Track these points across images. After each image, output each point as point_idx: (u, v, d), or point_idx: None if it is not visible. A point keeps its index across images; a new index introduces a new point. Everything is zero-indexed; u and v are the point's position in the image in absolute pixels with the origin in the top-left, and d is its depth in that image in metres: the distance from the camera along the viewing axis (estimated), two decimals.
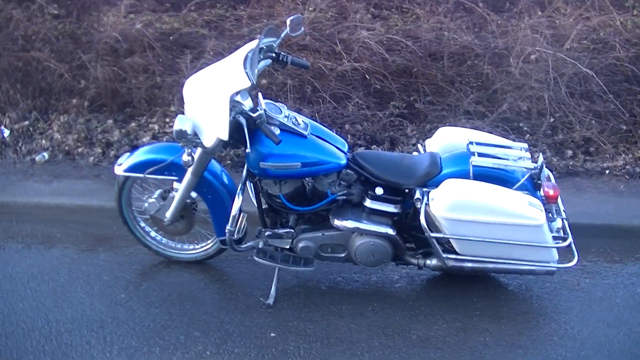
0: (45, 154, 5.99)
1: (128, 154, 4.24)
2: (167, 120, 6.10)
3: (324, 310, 4.08)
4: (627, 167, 5.69)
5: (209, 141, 3.61)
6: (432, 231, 3.79)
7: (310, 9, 6.57)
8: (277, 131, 3.68)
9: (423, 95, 6.14)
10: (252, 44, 3.81)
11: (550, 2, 6.66)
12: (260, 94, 3.81)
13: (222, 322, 3.97)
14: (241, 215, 4.01)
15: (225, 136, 3.48)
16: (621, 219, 5.05)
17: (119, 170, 4.14)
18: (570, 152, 5.81)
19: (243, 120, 3.57)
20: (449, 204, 3.67)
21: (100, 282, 4.35)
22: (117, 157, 5.76)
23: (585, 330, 3.93)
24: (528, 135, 5.86)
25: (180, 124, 3.51)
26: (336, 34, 6.34)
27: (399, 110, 6.07)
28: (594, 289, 4.31)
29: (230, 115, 3.48)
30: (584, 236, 4.11)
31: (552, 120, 5.92)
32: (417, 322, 3.98)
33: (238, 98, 3.61)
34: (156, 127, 6.08)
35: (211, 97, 3.58)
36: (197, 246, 4.51)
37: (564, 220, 3.94)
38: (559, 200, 3.96)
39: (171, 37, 6.51)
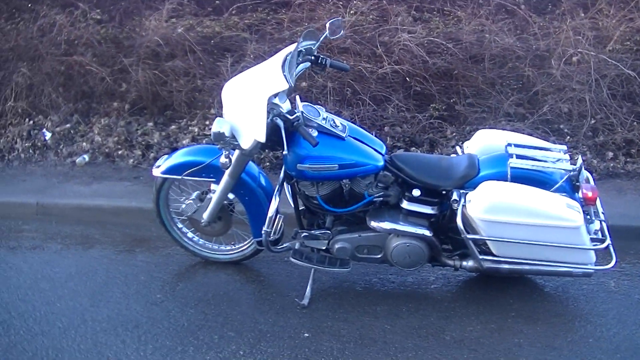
0: (86, 156, 6.09)
1: (166, 156, 4.30)
2: (207, 122, 6.15)
3: (358, 311, 4.06)
4: None
5: (246, 143, 3.63)
6: (468, 233, 3.77)
7: (352, 12, 6.59)
8: (315, 133, 3.70)
9: (463, 98, 6.11)
10: (291, 47, 3.83)
11: (594, 4, 6.58)
12: (298, 97, 3.83)
13: (256, 322, 3.97)
14: (278, 217, 4.01)
15: (262, 138, 3.50)
16: None
17: (157, 172, 4.20)
18: (611, 154, 5.72)
19: (281, 123, 3.59)
20: (486, 206, 3.64)
21: (137, 283, 4.40)
22: (157, 159, 5.83)
23: (622, 333, 3.86)
24: (568, 137, 5.78)
25: (218, 126, 3.54)
26: (377, 36, 6.34)
27: (439, 112, 6.05)
28: (632, 292, 4.23)
29: (268, 118, 3.51)
30: (623, 238, 4.05)
31: (593, 122, 5.84)
32: (452, 323, 3.95)
33: (276, 100, 3.64)
34: (196, 129, 6.14)
35: (249, 100, 3.60)
36: (234, 247, 4.53)
37: (603, 222, 3.88)
38: (598, 202, 3.91)
39: (212, 41, 6.57)
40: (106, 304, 4.19)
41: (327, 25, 3.91)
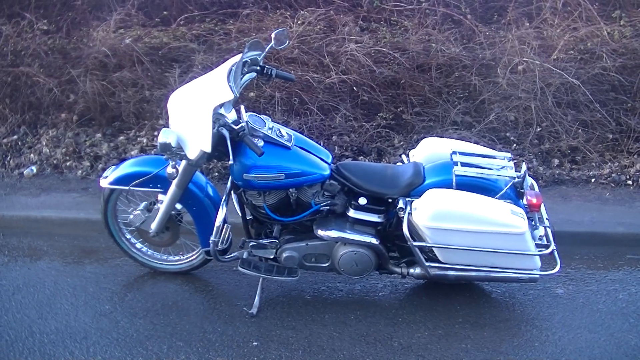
0: (34, 168, 6.01)
1: (114, 167, 4.28)
2: (155, 133, 6.11)
3: (307, 319, 4.09)
4: (612, 175, 5.71)
5: (192, 153, 3.64)
6: (415, 240, 3.81)
7: (299, 22, 6.61)
8: (261, 143, 3.72)
9: (410, 107, 6.18)
10: (237, 58, 3.85)
11: (539, 14, 6.69)
12: (242, 107, 3.85)
13: (205, 331, 3.98)
14: (225, 226, 4.02)
15: (208, 148, 3.52)
16: (605, 227, 5.06)
17: (105, 182, 4.17)
18: (556, 161, 5.84)
19: (226, 133, 3.60)
20: (432, 213, 3.69)
21: (86, 294, 4.36)
22: (105, 170, 5.80)
23: (567, 336, 3.95)
24: (515, 145, 5.88)
25: (164, 136, 3.56)
26: (324, 46, 6.37)
27: (387, 121, 6.11)
28: (576, 296, 4.33)
29: (213, 128, 3.52)
30: (568, 244, 4.13)
31: (538, 129, 5.95)
32: (400, 330, 4.00)
33: (222, 111, 3.67)
34: (144, 140, 6.11)
35: (195, 110, 3.62)
36: (182, 257, 4.52)
37: (547, 228, 3.97)
38: (542, 208, 3.99)
39: (160, 52, 6.54)
40: (54, 316, 4.15)
41: (273, 35, 3.94)
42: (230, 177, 3.96)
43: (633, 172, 5.73)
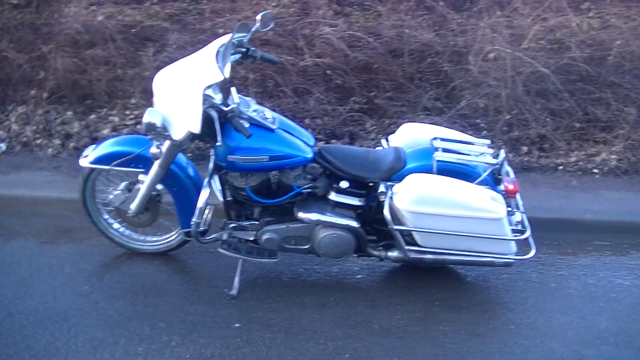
0: (3, 145, 5.92)
1: (93, 146, 4.25)
2: (127, 112, 6.07)
3: (287, 301, 4.12)
4: (579, 163, 5.84)
5: (178, 134, 3.65)
6: (395, 224, 3.87)
7: (274, 4, 6.59)
8: (246, 125, 3.72)
9: (383, 91, 6.21)
10: (224, 39, 3.85)
11: (509, 2, 6.77)
12: (233, 89, 3.86)
13: (186, 313, 3.98)
14: (208, 208, 4.03)
15: (197, 129, 3.53)
16: (573, 214, 5.20)
17: (85, 162, 4.14)
18: (525, 149, 5.94)
19: (215, 114, 3.61)
20: (413, 198, 3.76)
21: (63, 274, 4.33)
22: (76, 148, 5.78)
23: (540, 319, 4.05)
24: (485, 132, 5.95)
25: (149, 116, 3.56)
26: (298, 29, 6.36)
27: (359, 105, 6.14)
28: (548, 280, 4.45)
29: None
30: (538, 229, 4.19)
31: (508, 117, 6.03)
32: (379, 312, 4.05)
33: (209, 92, 3.67)
34: (116, 119, 6.04)
35: (183, 91, 3.62)
36: (160, 238, 4.51)
37: (523, 214, 4.06)
38: (518, 195, 4.08)
39: (133, 30, 6.45)
40: (32, 296, 4.11)
41: (259, 17, 3.94)
42: (212, 159, 3.95)
43: (599, 160, 5.86)
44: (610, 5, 6.86)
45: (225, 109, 3.65)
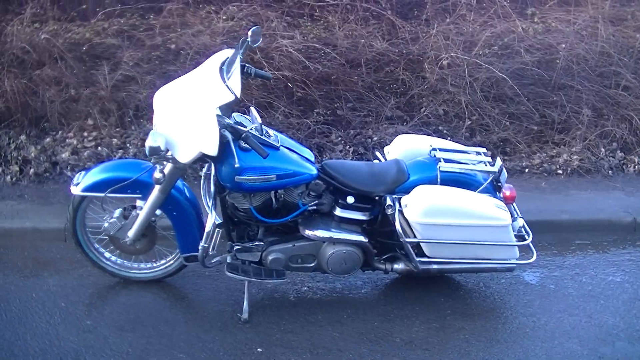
0: None
1: (83, 172, 4.07)
2: (85, 134, 5.86)
3: (301, 321, 4.03)
4: (544, 165, 6.01)
5: (186, 156, 3.53)
6: (406, 236, 3.87)
7: (224, 17, 6.50)
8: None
9: (345, 102, 6.22)
10: (222, 55, 3.78)
11: (455, 10, 6.88)
12: (253, 108, 3.77)
13: (203, 341, 3.82)
14: (216, 232, 3.90)
15: (213, 151, 3.41)
16: (552, 215, 5.35)
17: (77, 190, 3.95)
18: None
19: (229, 135, 3.51)
20: (424, 209, 3.77)
21: (59, 309, 4.06)
22: (37, 174, 5.53)
23: (551, 322, 4.11)
24: (448, 138, 6.01)
25: (153, 140, 3.42)
26: None
27: (324, 117, 6.12)
28: (546, 282, 4.54)
29: None
30: None
31: (469, 122, 6.14)
32: (396, 326, 4.03)
33: (217, 112, 3.56)
34: (74, 141, 5.80)
35: (191, 111, 3.52)
36: (154, 264, 4.33)
37: (523, 220, 4.13)
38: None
39: (83, 48, 6.23)
40: (33, 336, 3.80)
41: (249, 33, 3.87)
42: (212, 180, 3.85)
43: (561, 161, 6.03)
44: (551, 10, 7.09)
45: (244, 129, 3.54)
